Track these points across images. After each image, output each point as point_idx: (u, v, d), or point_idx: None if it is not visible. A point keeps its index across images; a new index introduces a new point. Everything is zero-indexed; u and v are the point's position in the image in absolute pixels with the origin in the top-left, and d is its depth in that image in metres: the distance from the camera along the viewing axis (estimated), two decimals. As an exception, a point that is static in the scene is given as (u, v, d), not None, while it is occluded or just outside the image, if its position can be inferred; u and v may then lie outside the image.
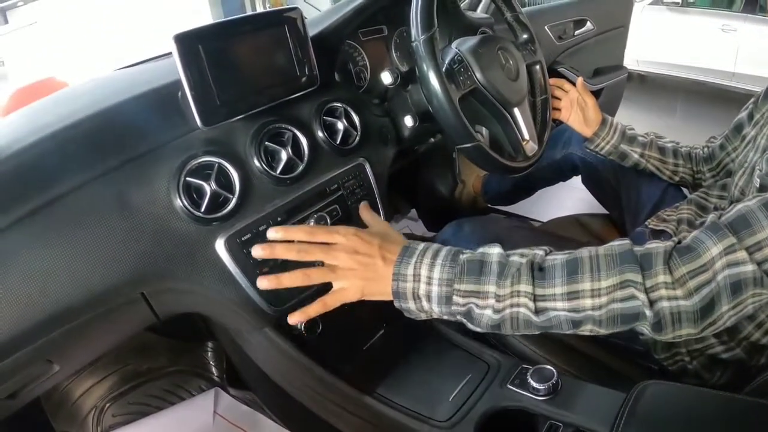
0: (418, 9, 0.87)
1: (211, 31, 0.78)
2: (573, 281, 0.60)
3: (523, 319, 0.61)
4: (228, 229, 0.80)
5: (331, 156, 0.93)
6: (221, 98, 0.78)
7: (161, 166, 0.76)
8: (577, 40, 1.95)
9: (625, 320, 0.59)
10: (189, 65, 0.74)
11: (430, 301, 0.65)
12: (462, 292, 0.63)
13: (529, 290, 0.61)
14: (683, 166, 1.16)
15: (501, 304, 0.61)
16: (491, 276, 0.62)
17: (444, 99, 0.87)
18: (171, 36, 0.73)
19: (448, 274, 0.64)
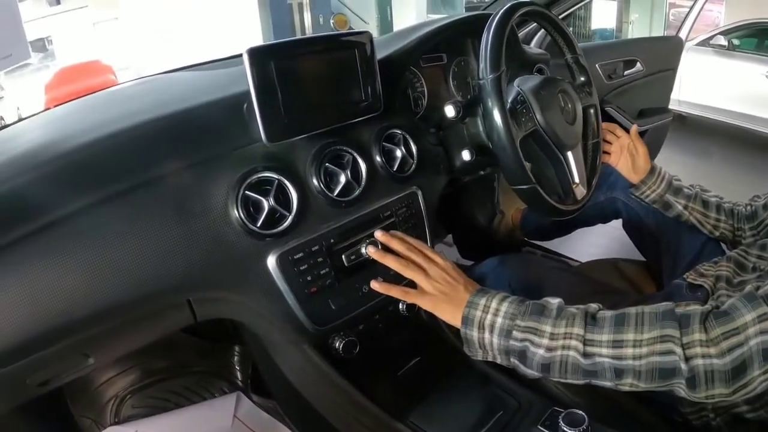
0: (488, 48, 0.89)
1: (284, 48, 0.79)
2: (619, 331, 0.65)
3: (572, 363, 0.67)
4: (281, 246, 0.81)
5: (387, 182, 0.94)
6: (288, 116, 0.79)
7: (221, 176, 0.77)
8: (626, 80, 1.95)
9: (662, 375, 0.63)
10: (259, 80, 0.75)
11: (492, 333, 0.71)
12: (522, 327, 0.70)
13: (581, 333, 0.67)
14: (725, 222, 1.15)
15: (554, 343, 0.67)
16: (550, 318, 0.69)
17: (506, 139, 0.87)
18: (245, 49, 0.75)
19: (513, 309, 0.71)
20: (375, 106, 0.90)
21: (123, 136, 0.76)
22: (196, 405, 1.25)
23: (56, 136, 0.82)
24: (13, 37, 0.68)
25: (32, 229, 0.66)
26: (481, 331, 0.72)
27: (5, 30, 0.65)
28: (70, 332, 0.69)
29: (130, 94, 1.10)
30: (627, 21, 8.78)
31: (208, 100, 0.84)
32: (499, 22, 0.91)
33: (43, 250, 0.66)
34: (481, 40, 0.91)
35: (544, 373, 0.69)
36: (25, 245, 0.65)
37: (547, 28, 1.06)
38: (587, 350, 0.66)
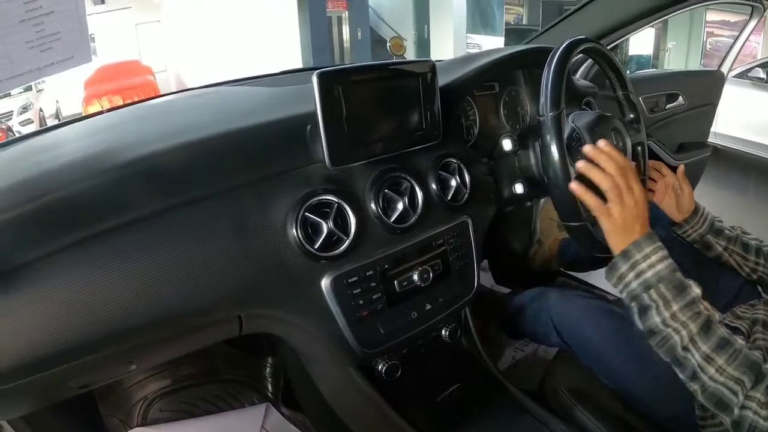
0: (549, 85, 0.90)
1: (352, 73, 0.81)
2: (716, 352, 0.75)
3: (671, 345, 0.77)
4: (336, 269, 0.82)
5: (440, 211, 0.95)
6: (352, 141, 0.81)
7: (281, 195, 0.79)
8: (668, 113, 1.93)
9: (719, 404, 0.75)
10: (327, 104, 0.77)
11: (636, 278, 0.80)
12: (659, 292, 0.78)
13: (693, 331, 0.76)
14: (764, 265, 1.14)
15: (671, 322, 0.77)
16: (682, 301, 0.77)
17: (562, 177, 0.88)
18: (314, 73, 0.76)
19: (663, 273, 0.79)
20: (434, 134, 0.92)
21: (190, 149, 0.78)
22: (224, 413, 1.26)
23: (121, 143, 0.84)
24: (78, 41, 0.70)
25: (95, 232, 0.67)
26: (629, 270, 0.80)
27: (71, 34, 0.68)
28: (120, 340, 0.70)
29: (191, 105, 1.12)
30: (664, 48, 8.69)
31: (272, 119, 0.85)
32: (560, 60, 0.91)
33: (102, 255, 0.67)
34: (530, 71, 0.91)
35: (647, 334, 0.80)
36: (86, 248, 0.66)
37: (602, 65, 1.07)
38: (687, 346, 0.76)
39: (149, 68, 10.42)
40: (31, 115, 8.14)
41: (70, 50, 0.69)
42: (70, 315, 0.65)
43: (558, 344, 1.13)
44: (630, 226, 0.82)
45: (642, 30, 1.74)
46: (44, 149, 0.94)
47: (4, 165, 0.90)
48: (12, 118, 7.74)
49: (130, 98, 8.85)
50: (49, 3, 0.64)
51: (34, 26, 0.64)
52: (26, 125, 7.88)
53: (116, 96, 9.00)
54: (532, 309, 1.14)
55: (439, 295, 0.94)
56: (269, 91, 1.11)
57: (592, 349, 1.04)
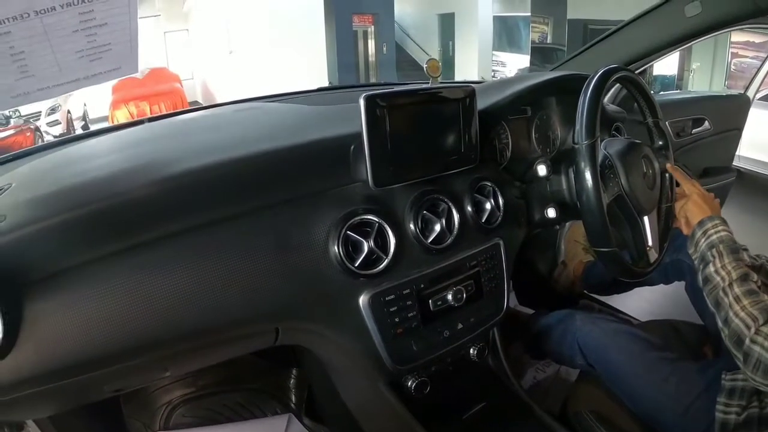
0: (584, 113, 0.91)
1: (397, 97, 0.83)
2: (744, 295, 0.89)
3: (716, 291, 0.93)
4: (374, 287, 0.84)
5: (475, 233, 0.97)
6: (395, 163, 0.83)
7: (323, 213, 0.81)
8: (694, 138, 1.93)
9: (737, 343, 0.87)
10: (373, 126, 0.80)
11: (704, 239, 0.99)
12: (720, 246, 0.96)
13: (734, 278, 0.92)
14: None
15: (721, 271, 0.93)
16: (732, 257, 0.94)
17: (595, 203, 0.90)
18: (361, 97, 0.79)
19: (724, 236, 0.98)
20: (472, 158, 0.94)
21: (235, 165, 0.80)
22: (246, 422, 1.28)
23: (165, 156, 0.87)
24: (128, 53, 0.72)
25: (137, 243, 0.69)
26: (702, 236, 1.00)
27: (122, 45, 0.70)
28: (157, 348, 0.71)
29: (234, 120, 1.16)
30: (688, 69, 8.60)
31: (317, 138, 0.88)
32: (595, 88, 0.93)
33: (145, 265, 0.68)
34: (562, 97, 0.93)
35: (704, 282, 0.97)
36: (127, 257, 0.68)
37: (633, 92, 1.08)
38: (726, 288, 0.92)
39: (177, 76, 10.52)
40: (58, 117, 8.21)
41: (118, 61, 0.71)
42: (109, 322, 0.66)
43: (583, 366, 1.14)
44: (706, 207, 1.04)
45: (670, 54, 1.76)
46: (86, 158, 0.97)
47: (46, 171, 0.93)
48: (40, 119, 7.81)
49: (157, 104, 9.03)
50: (103, 15, 0.65)
51: (86, 36, 0.65)
52: (54, 126, 7.98)
53: (143, 102, 9.16)
54: (558, 330, 1.15)
55: (471, 315, 0.96)
56: (311, 110, 1.14)
57: (616, 372, 1.05)
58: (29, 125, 7.51)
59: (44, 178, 0.88)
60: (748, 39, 7.76)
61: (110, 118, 9.18)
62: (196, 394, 1.32)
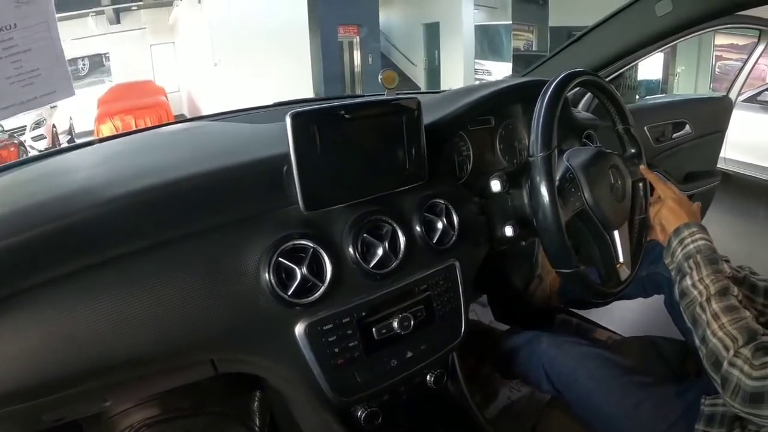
0: (540, 124, 0.86)
1: (329, 113, 0.78)
2: (723, 312, 0.84)
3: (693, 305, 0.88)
4: (311, 316, 0.79)
5: (425, 254, 0.91)
6: (328, 184, 0.78)
7: (255, 239, 0.76)
8: (674, 143, 1.89)
9: (715, 364, 0.81)
10: (301, 147, 0.74)
11: (681, 250, 0.94)
12: (693, 263, 0.90)
13: (711, 293, 0.86)
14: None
15: (698, 284, 0.88)
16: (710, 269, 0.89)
17: (552, 221, 0.84)
18: (288, 114, 0.74)
19: (702, 246, 0.92)
20: (419, 175, 0.88)
21: (164, 189, 0.76)
22: (209, 446, 1.22)
23: (102, 180, 0.84)
24: (59, 76, 0.75)
25: (69, 271, 0.66)
26: (678, 245, 0.95)
27: (51, 70, 0.73)
28: (92, 378, 0.68)
29: (174, 141, 1.12)
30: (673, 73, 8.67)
31: (248, 159, 0.83)
32: (553, 95, 0.88)
33: (74, 294, 0.66)
34: (528, 104, 0.89)
35: (680, 296, 0.91)
36: (59, 286, 0.65)
37: (600, 97, 1.03)
38: (703, 304, 0.86)
39: (162, 89, 10.52)
40: (43, 131, 8.17)
41: (51, 85, 0.73)
42: (38, 353, 0.64)
43: (550, 391, 1.09)
44: (681, 215, 0.98)
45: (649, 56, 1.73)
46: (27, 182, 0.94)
47: None
48: (25, 134, 7.76)
49: (142, 118, 9.04)
50: (24, 41, 0.68)
51: (12, 63, 0.69)
52: (39, 141, 7.93)
53: (128, 115, 9.08)
54: (525, 353, 1.11)
55: (422, 342, 0.90)
56: (252, 129, 1.09)
57: (585, 399, 1.00)
58: (13, 140, 7.45)
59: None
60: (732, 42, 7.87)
61: (95, 132, 9.13)
62: (158, 419, 1.26)
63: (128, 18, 12.04)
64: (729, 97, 2.14)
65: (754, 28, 1.93)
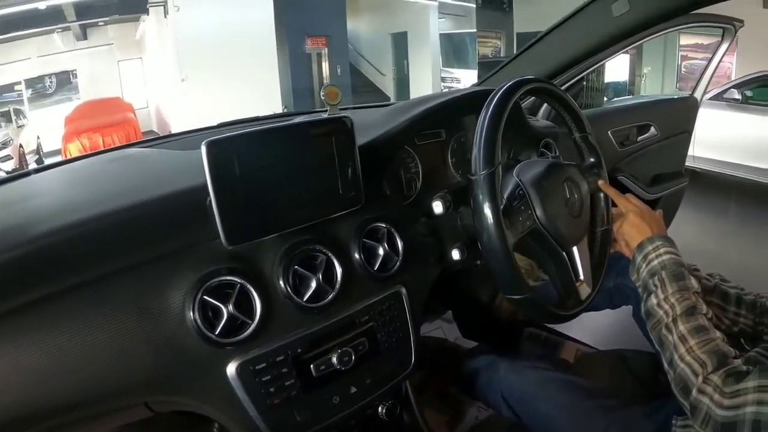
0: (482, 139, 0.80)
1: (247, 139, 0.73)
2: (690, 334, 0.79)
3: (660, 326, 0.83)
4: (243, 355, 0.74)
5: (366, 283, 0.87)
6: (251, 216, 0.73)
7: (180, 276, 0.72)
8: (640, 146, 1.86)
9: (684, 390, 0.77)
10: (219, 177, 0.70)
11: (646, 267, 0.89)
12: (659, 279, 0.86)
13: (678, 313, 0.82)
14: (745, 316, 1.04)
15: (664, 304, 0.84)
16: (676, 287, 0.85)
17: (498, 244, 0.79)
18: (203, 143, 0.70)
19: (667, 261, 0.88)
20: (354, 199, 0.83)
21: (85, 227, 0.72)
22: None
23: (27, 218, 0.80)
24: None
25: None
26: (642, 261, 0.91)
27: None
28: (22, 424, 0.65)
29: (102, 173, 1.06)
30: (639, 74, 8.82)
31: (171, 191, 0.78)
32: (496, 107, 0.83)
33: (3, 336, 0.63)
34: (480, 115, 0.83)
35: (646, 316, 0.88)
36: None
37: (554, 105, 0.98)
38: (669, 325, 0.82)
39: (130, 105, 10.38)
40: (10, 151, 8.04)
41: None
42: None
43: (510, 417, 1.04)
44: (645, 226, 0.93)
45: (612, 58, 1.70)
46: None
47: None
48: (-9, 154, 7.64)
49: (110, 135, 8.91)
50: None
51: None
52: (5, 161, 7.79)
53: (95, 134, 8.92)
54: (484, 377, 1.06)
55: (367, 376, 0.85)
56: (184, 156, 1.02)
57: (548, 426, 0.95)
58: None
59: None
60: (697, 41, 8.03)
61: (63, 151, 8.97)
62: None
63: (95, 34, 11.83)
64: (694, 97, 2.13)
65: (717, 26, 1.92)
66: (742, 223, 4.22)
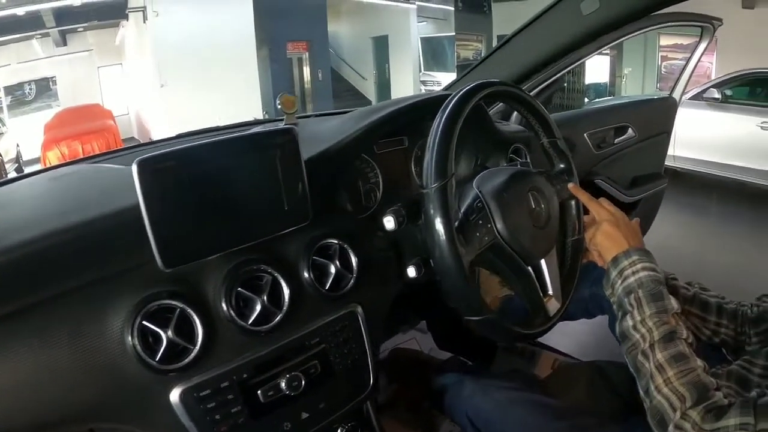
0: (433, 151, 0.75)
1: (182, 156, 0.69)
2: (668, 363, 0.75)
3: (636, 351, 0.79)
4: (186, 381, 0.71)
5: (317, 303, 0.82)
6: (188, 237, 0.69)
7: (119, 300, 0.69)
8: (617, 148, 1.83)
9: (660, 423, 0.73)
10: (152, 197, 0.66)
11: (621, 283, 0.84)
12: (637, 297, 0.81)
13: (655, 338, 0.77)
14: (726, 326, 1.00)
15: (640, 327, 0.79)
16: (654, 308, 0.79)
17: (452, 262, 0.74)
18: (134, 161, 0.65)
19: (645, 279, 0.82)
20: (301, 216, 0.78)
21: (19, 250, 0.68)
22: None
23: None
24: None
25: None
26: (617, 276, 0.85)
27: None
28: None
29: (45, 191, 1.02)
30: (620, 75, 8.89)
31: (109, 211, 0.74)
32: (451, 115, 0.78)
33: None
34: None
35: (621, 338, 0.82)
36: None
37: (519, 109, 0.93)
38: (646, 351, 0.77)
39: (110, 112, 10.25)
40: (-11, 160, 7.88)
41: None
42: None
43: None
44: (620, 237, 0.87)
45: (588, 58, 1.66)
46: None
47: None
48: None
49: (89, 143, 8.78)
50: None
51: None
52: (-15, 171, 7.64)
53: (75, 141, 8.79)
54: (450, 396, 1.01)
55: (321, 401, 0.81)
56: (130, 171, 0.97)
57: None
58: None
59: None
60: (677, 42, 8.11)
61: (42, 160, 8.82)
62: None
63: (74, 40, 11.69)
64: (673, 97, 2.11)
65: (695, 25, 1.89)
66: (723, 220, 4.24)
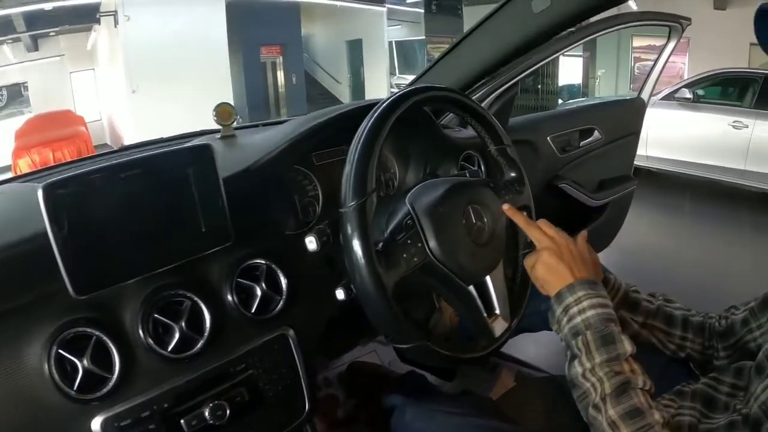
0: (352, 167, 0.71)
1: (90, 178, 0.66)
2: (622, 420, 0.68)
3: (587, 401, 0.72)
4: (107, 410, 0.70)
5: (243, 327, 0.79)
6: (100, 262, 0.67)
7: (36, 328, 0.68)
8: (583, 151, 1.79)
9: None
10: (59, 223, 0.63)
11: (569, 322, 0.76)
12: (585, 341, 0.73)
13: (607, 392, 0.70)
14: (692, 340, 0.95)
15: (590, 376, 0.72)
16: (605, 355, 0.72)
17: (372, 287, 0.69)
18: (39, 186, 0.63)
19: (593, 321, 0.74)
20: (220, 237, 0.75)
21: None
22: None
23: None
24: None
25: None
26: (562, 314, 0.77)
27: None
28: None
29: None
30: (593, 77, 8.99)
31: (25, 235, 0.70)
32: (372, 128, 0.73)
33: None
34: (399, 129, 0.76)
35: (571, 385, 0.75)
36: None
37: (462, 115, 0.88)
38: (598, 405, 0.70)
39: (81, 118, 10.14)
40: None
41: None
42: None
43: None
44: (563, 269, 0.79)
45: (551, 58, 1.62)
46: None
47: None
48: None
49: (60, 150, 8.67)
50: None
51: None
52: (-44, 178, 7.45)
53: (46, 149, 8.68)
54: (394, 419, 0.95)
55: (249, 430, 0.78)
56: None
57: None
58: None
59: None
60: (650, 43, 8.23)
61: (13, 168, 8.68)
62: None
63: (46, 45, 11.53)
64: (641, 98, 2.09)
65: (664, 24, 1.87)
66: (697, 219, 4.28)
